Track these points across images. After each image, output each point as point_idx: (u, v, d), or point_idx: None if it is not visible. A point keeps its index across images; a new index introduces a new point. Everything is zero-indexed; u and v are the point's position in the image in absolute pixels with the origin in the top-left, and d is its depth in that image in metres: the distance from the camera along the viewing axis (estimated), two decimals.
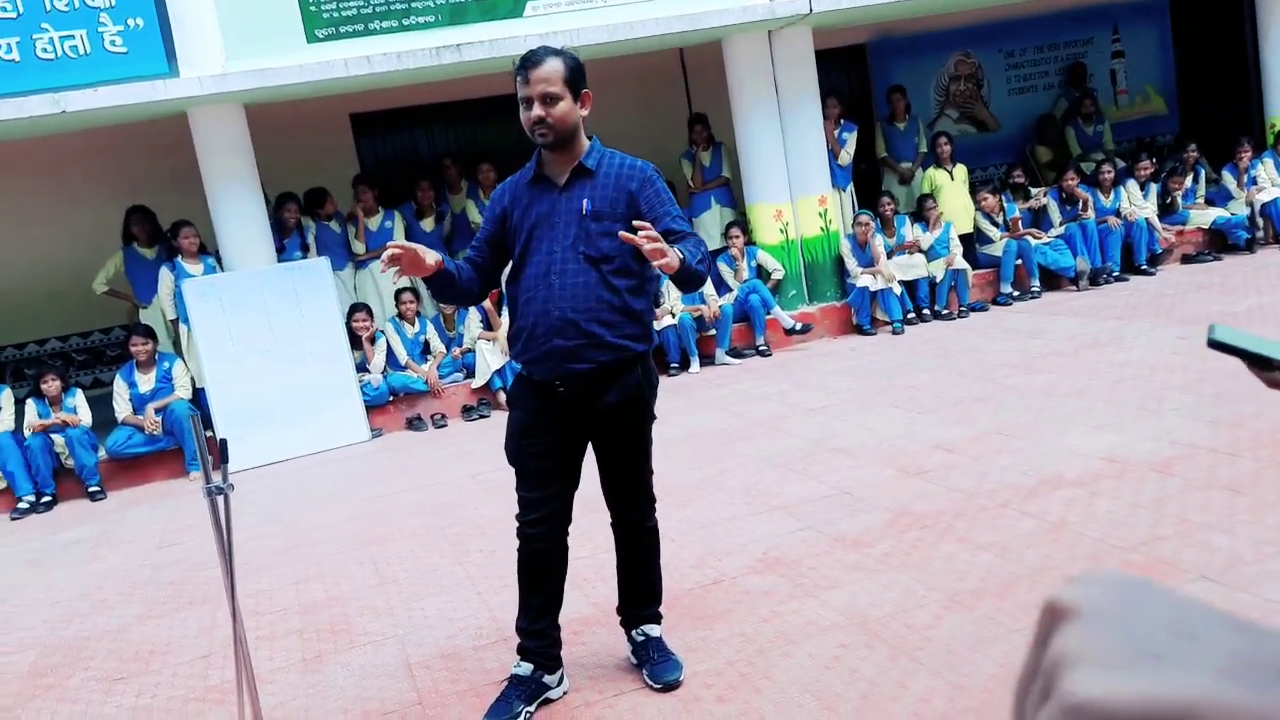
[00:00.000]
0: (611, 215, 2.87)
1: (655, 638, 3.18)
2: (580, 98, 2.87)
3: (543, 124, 2.81)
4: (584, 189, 2.90)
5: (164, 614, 4.49)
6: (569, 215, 2.89)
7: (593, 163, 2.91)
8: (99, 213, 8.79)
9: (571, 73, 2.83)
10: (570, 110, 2.84)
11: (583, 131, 2.94)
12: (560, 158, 2.92)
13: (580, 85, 2.87)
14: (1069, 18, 11.74)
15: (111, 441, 7.22)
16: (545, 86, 2.79)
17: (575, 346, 2.86)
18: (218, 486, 2.89)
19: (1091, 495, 4.13)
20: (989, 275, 9.28)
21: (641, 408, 3.01)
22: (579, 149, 2.93)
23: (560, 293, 2.86)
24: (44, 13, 6.85)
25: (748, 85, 8.75)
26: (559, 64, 2.81)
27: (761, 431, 6.03)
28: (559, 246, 2.87)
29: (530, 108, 2.81)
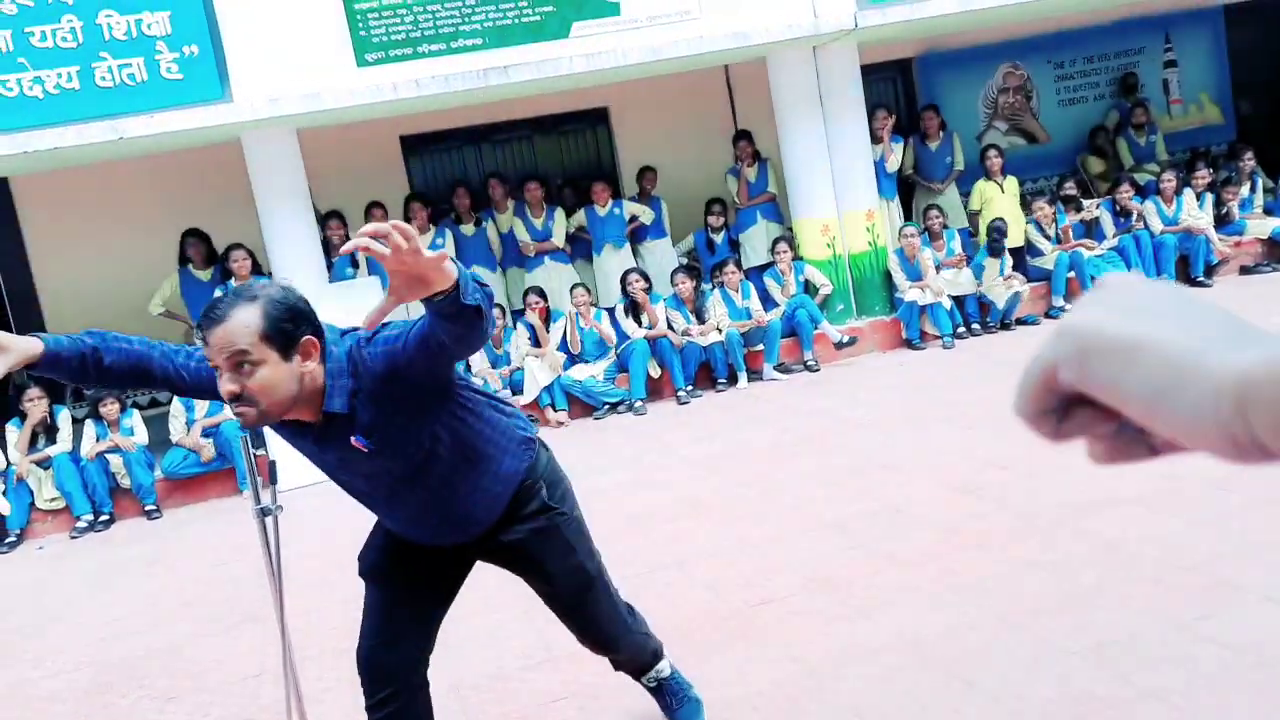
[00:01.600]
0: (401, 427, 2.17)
1: (667, 677, 2.86)
2: (299, 348, 2.05)
3: (239, 401, 2.01)
4: (347, 431, 2.15)
5: (217, 632, 4.54)
6: (348, 456, 2.20)
7: (342, 403, 2.10)
8: (156, 236, 8.97)
9: (273, 321, 2.00)
10: (278, 373, 2.01)
11: (319, 374, 2.09)
12: (304, 412, 2.13)
13: (294, 335, 2.03)
14: (1119, 28, 11.57)
15: (167, 462, 7.34)
16: (231, 349, 1.98)
17: (455, 534, 2.42)
18: (266, 508, 2.92)
19: (1149, 513, 4.04)
20: (1041, 289, 9.14)
21: (558, 529, 2.45)
22: (319, 396, 2.11)
23: (395, 516, 2.40)
24: (103, 41, 7.02)
25: (793, 101, 8.73)
26: (250, 314, 1.99)
27: (810, 448, 5.98)
28: (359, 481, 2.31)
29: (220, 378, 2.02)
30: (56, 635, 4.90)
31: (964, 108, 11.34)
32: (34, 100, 6.93)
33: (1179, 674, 2.81)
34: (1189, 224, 9.32)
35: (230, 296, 2.04)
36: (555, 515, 2.44)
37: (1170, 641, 3.00)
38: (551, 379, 7.88)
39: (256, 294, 2.03)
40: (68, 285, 9.52)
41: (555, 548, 2.45)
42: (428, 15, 7.49)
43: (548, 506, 2.43)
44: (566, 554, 2.46)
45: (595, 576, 2.52)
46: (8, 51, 6.87)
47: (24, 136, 6.93)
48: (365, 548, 2.56)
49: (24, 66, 6.91)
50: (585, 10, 7.68)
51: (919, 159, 9.89)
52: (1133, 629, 3.11)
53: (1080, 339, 0.56)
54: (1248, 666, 2.80)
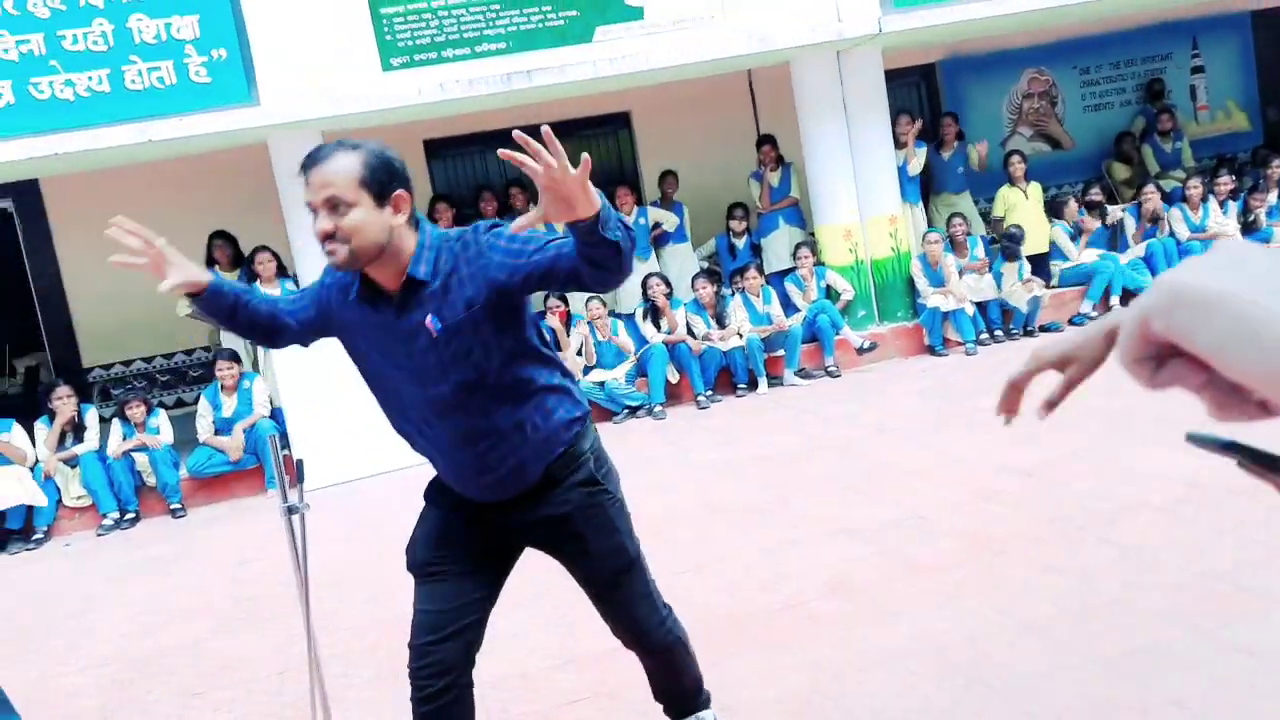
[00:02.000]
0: (472, 325, 2.19)
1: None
2: (391, 201, 2.15)
3: (331, 239, 2.12)
4: (425, 306, 2.20)
5: (241, 630, 4.59)
6: (416, 342, 2.22)
7: (425, 270, 2.18)
8: (182, 238, 8.95)
9: (371, 170, 2.12)
10: (370, 218, 2.12)
11: (406, 237, 2.20)
12: (385, 273, 2.22)
13: (388, 186, 2.14)
14: (1146, 34, 11.51)
15: (192, 461, 7.41)
16: (330, 190, 2.10)
17: (493, 482, 2.34)
18: (293, 506, 2.96)
19: (1173, 520, 4.02)
20: (1065, 295, 9.09)
21: (602, 505, 2.40)
22: (403, 261, 2.20)
23: (441, 441, 2.32)
24: (133, 45, 7.11)
25: (816, 106, 8.73)
26: (351, 161, 2.11)
27: (831, 453, 5.98)
28: (415, 382, 2.27)
29: (315, 217, 2.14)
30: (82, 631, 4.96)
31: (988, 113, 11.31)
32: (65, 103, 7.03)
33: (1200, 681, 2.80)
34: (1215, 231, 9.26)
35: (332, 145, 2.16)
36: (601, 492, 2.40)
37: (1192, 649, 2.99)
38: None
39: (358, 144, 2.16)
40: (95, 285, 9.62)
41: (599, 524, 2.40)
42: (452, 20, 7.54)
43: (595, 481, 2.39)
44: (610, 532, 2.42)
45: (634, 559, 2.47)
46: (40, 55, 6.97)
47: (55, 138, 7.03)
48: (411, 541, 2.57)
49: (55, 69, 7.02)
50: (609, 14, 7.72)
51: (931, 167, 9.86)
52: (1154, 636, 3.10)
53: (1170, 291, 0.60)
54: (1270, 674, 2.79)
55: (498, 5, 7.57)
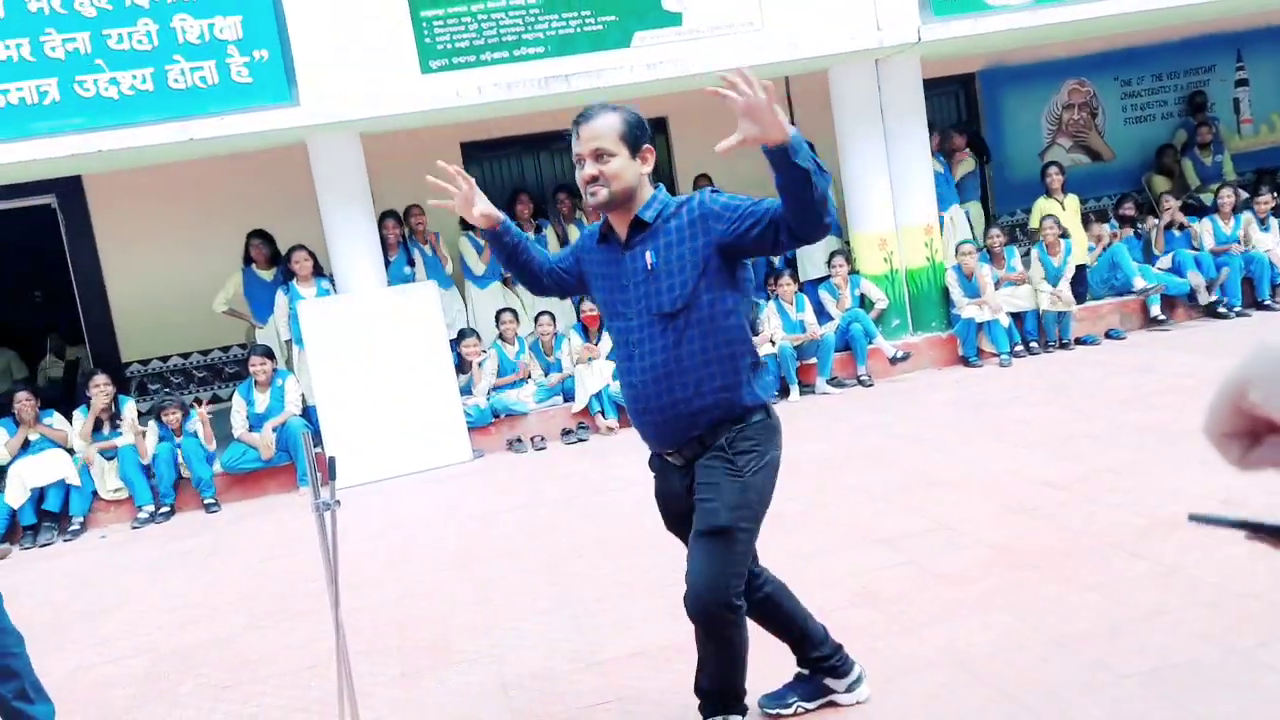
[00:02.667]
0: (680, 266, 2.62)
1: None
2: (640, 154, 2.66)
3: (595, 182, 2.62)
4: (645, 244, 2.67)
5: (271, 625, 4.63)
6: (635, 275, 2.68)
7: (650, 214, 2.67)
8: (221, 236, 9.18)
9: (629, 127, 2.63)
10: (625, 167, 2.62)
11: (646, 187, 2.69)
12: (623, 219, 2.71)
13: (640, 141, 2.65)
14: (1189, 45, 11.37)
15: (226, 457, 7.50)
16: (597, 143, 2.61)
17: (668, 419, 2.67)
18: (325, 502, 2.98)
19: (1208, 538, 3.95)
20: (1103, 308, 8.99)
21: (731, 460, 2.65)
22: (638, 205, 2.68)
23: (641, 363, 2.67)
24: (176, 45, 7.20)
25: (853, 114, 8.70)
26: (614, 119, 2.63)
27: (862, 462, 5.94)
28: (631, 311, 2.69)
29: (582, 165, 2.64)
30: (116, 622, 5.02)
31: (1027, 124, 11.22)
32: (109, 101, 7.13)
33: (1236, 700, 2.76)
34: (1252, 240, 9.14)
35: (598, 105, 2.68)
36: (730, 467, 2.63)
37: (1228, 667, 2.95)
38: (601, 385, 7.92)
39: (617, 107, 2.67)
40: (135, 281, 9.77)
41: (711, 482, 2.64)
42: (491, 23, 7.58)
43: (733, 455, 2.64)
44: (715, 494, 2.62)
45: (729, 529, 2.60)
46: (86, 53, 7.08)
47: (99, 136, 7.13)
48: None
49: (100, 68, 7.12)
50: (647, 20, 7.73)
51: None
52: (1189, 654, 3.05)
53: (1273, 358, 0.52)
54: None
55: (537, 9, 7.61)
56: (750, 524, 2.65)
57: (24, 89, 7.01)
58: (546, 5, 7.62)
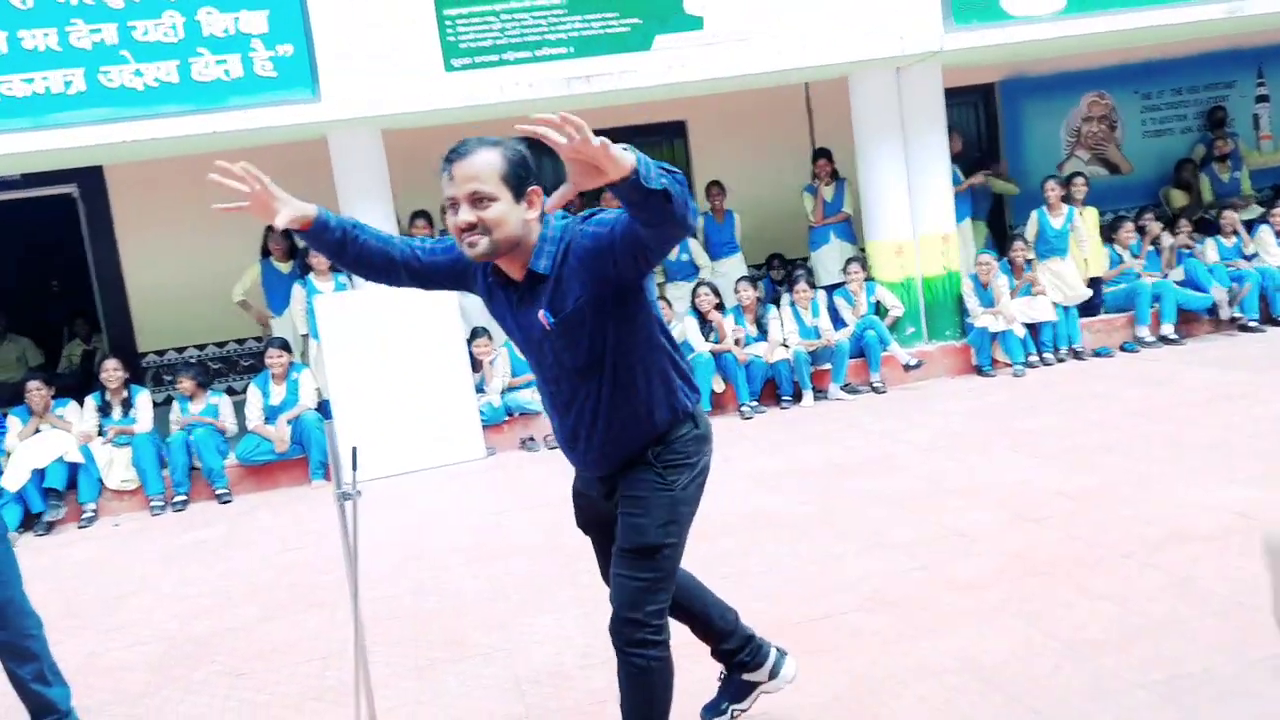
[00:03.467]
0: (578, 320, 2.34)
1: None
2: (526, 197, 2.31)
3: (472, 231, 2.27)
4: (539, 301, 2.37)
5: (284, 615, 4.66)
6: (534, 332, 2.41)
7: (544, 265, 2.34)
8: (239, 228, 9.19)
9: (511, 165, 2.28)
10: (508, 212, 2.27)
11: (534, 228, 2.35)
12: (512, 264, 2.38)
13: (525, 181, 2.30)
14: (1210, 60, 11.36)
15: (241, 449, 7.54)
16: (474, 185, 2.25)
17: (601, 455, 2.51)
18: (346, 492, 3.01)
19: (1222, 551, 3.97)
20: (1118, 320, 8.99)
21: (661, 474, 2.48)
22: (529, 250, 2.35)
23: (566, 410, 2.50)
24: (201, 38, 7.26)
25: (873, 121, 8.72)
26: (493, 156, 2.27)
27: (874, 468, 5.95)
28: (545, 364, 2.46)
29: (455, 211, 2.28)
30: (131, 609, 5.06)
31: (1046, 135, 11.22)
32: (133, 92, 7.19)
33: (1248, 711, 2.77)
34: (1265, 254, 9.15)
35: (474, 140, 2.30)
36: (660, 482, 2.46)
37: (1241, 678, 2.95)
38: None
39: (498, 141, 2.30)
40: (153, 271, 9.85)
41: (638, 495, 2.47)
42: (515, 23, 7.63)
43: (663, 470, 2.47)
44: (643, 509, 2.46)
45: (657, 546, 2.45)
46: (112, 44, 7.14)
47: (122, 127, 7.19)
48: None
49: (125, 59, 7.18)
50: (669, 24, 7.76)
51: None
52: (1202, 665, 3.06)
53: None
54: None
55: (560, 10, 7.64)
56: (678, 538, 2.50)
57: (50, 78, 7.07)
58: (570, 6, 7.66)
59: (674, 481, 2.48)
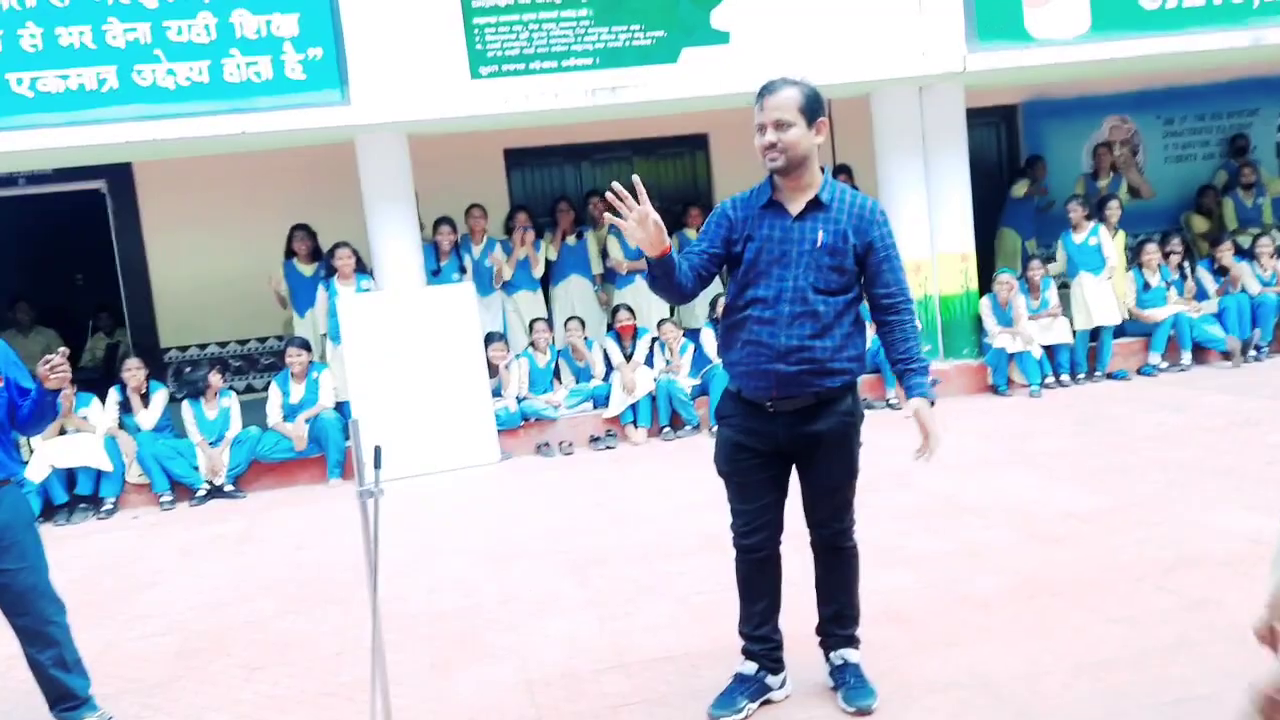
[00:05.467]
0: (844, 251, 2.98)
1: (854, 664, 3.26)
2: (815, 126, 2.96)
3: (774, 149, 2.93)
4: (819, 221, 2.99)
5: (301, 610, 4.71)
6: (802, 245, 2.97)
7: (827, 196, 3.00)
8: (265, 228, 9.32)
9: (807, 100, 2.94)
10: (802, 137, 2.93)
11: (816, 162, 3.02)
12: (793, 185, 3.00)
13: (816, 114, 2.95)
14: (1234, 87, 11.34)
15: (261, 446, 7.61)
16: (778, 113, 2.91)
17: (799, 373, 2.97)
18: (369, 490, 3.06)
19: (1235, 576, 3.98)
20: (1135, 344, 8.99)
21: (852, 433, 3.13)
22: (812, 179, 3.01)
23: (790, 320, 2.96)
24: (234, 39, 7.35)
25: (895, 140, 8.75)
26: (794, 92, 2.93)
27: (888, 484, 5.96)
28: (790, 275, 2.96)
29: (763, 134, 2.94)
30: (148, 602, 5.12)
31: (1068, 158, 11.22)
32: (165, 91, 7.29)
33: None
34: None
35: (780, 79, 2.97)
36: (854, 423, 3.15)
37: None
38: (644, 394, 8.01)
39: (798, 81, 2.98)
40: (178, 268, 9.94)
41: (849, 443, 3.15)
42: (542, 33, 7.70)
43: (853, 412, 3.13)
44: (851, 451, 3.17)
45: (857, 473, 3.22)
46: (145, 43, 7.24)
47: (154, 125, 7.28)
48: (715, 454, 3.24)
49: (158, 58, 7.28)
50: (695, 37, 7.82)
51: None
52: (1212, 688, 3.07)
53: None
54: None
55: (587, 21, 7.71)
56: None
57: (84, 75, 7.18)
58: (597, 17, 7.73)
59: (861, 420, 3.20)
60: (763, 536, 3.15)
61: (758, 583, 3.22)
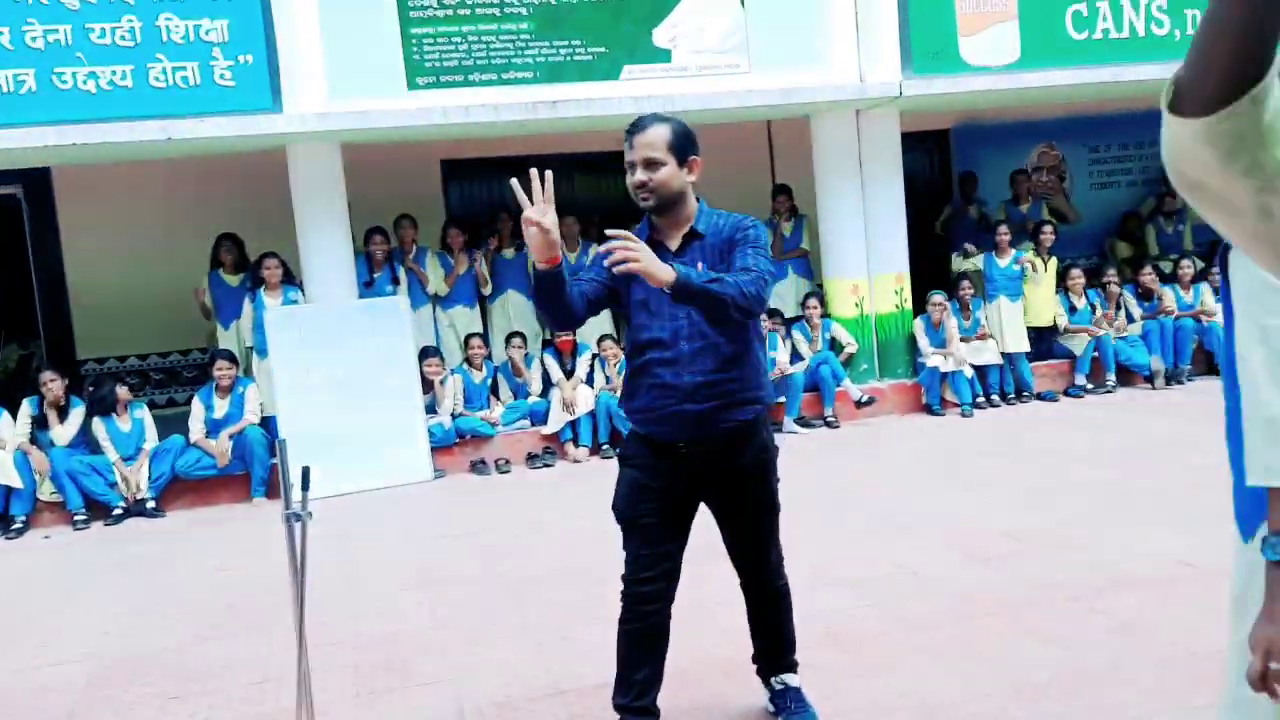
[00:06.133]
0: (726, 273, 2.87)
1: (794, 687, 3.21)
2: (687, 164, 2.86)
3: (644, 188, 2.83)
4: (697, 253, 2.90)
5: (221, 636, 4.54)
6: None
7: (704, 226, 2.91)
8: (189, 237, 9.06)
9: (677, 138, 2.83)
10: (673, 176, 2.83)
11: (691, 196, 2.93)
12: (669, 223, 2.92)
13: (687, 151, 2.86)
14: (1157, 117, 11.27)
15: (181, 463, 7.36)
16: (648, 152, 2.81)
17: (708, 410, 2.85)
18: (296, 513, 2.94)
19: (1164, 598, 4.03)
20: (1063, 365, 9.17)
21: (769, 468, 3.02)
22: (688, 214, 2.92)
23: (691, 357, 2.84)
24: (160, 43, 7.15)
25: (833, 162, 8.83)
26: (664, 130, 2.82)
27: (826, 504, 5.97)
28: (683, 311, 2.83)
29: (633, 172, 2.84)
30: (59, 627, 4.88)
31: (997, 182, 11.41)
32: (86, 94, 7.05)
33: None
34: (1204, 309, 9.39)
35: (651, 116, 2.89)
36: (770, 457, 3.03)
37: None
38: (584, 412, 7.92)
39: (669, 118, 2.88)
40: (97, 278, 9.61)
41: (767, 478, 3.04)
42: (482, 45, 7.62)
43: (767, 447, 3.02)
44: (773, 487, 3.06)
45: (779, 509, 3.11)
46: (66, 45, 7.00)
47: (74, 129, 7.03)
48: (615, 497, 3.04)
49: (81, 61, 7.04)
50: (637, 55, 7.81)
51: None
52: (1144, 711, 3.09)
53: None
54: None
55: (528, 35, 7.65)
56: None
57: (2, 77, 6.91)
58: (538, 32, 7.67)
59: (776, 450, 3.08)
60: (659, 586, 2.94)
61: (643, 646, 2.97)
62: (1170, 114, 0.98)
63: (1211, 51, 0.90)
